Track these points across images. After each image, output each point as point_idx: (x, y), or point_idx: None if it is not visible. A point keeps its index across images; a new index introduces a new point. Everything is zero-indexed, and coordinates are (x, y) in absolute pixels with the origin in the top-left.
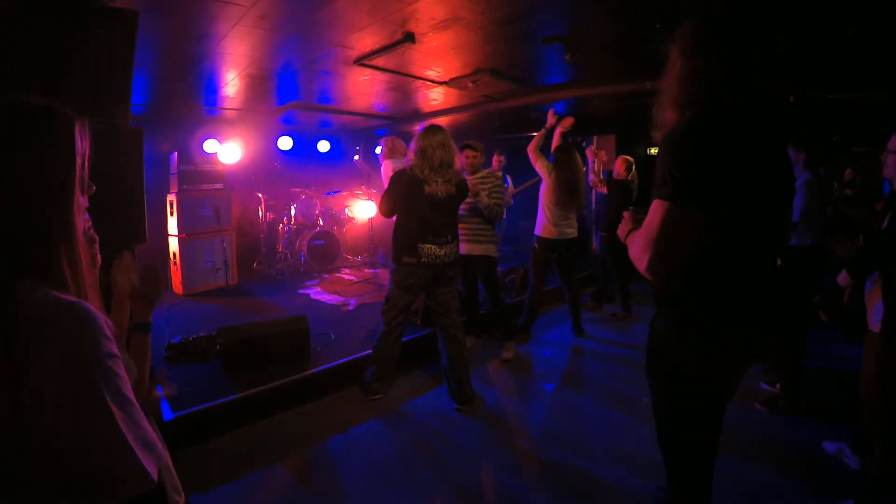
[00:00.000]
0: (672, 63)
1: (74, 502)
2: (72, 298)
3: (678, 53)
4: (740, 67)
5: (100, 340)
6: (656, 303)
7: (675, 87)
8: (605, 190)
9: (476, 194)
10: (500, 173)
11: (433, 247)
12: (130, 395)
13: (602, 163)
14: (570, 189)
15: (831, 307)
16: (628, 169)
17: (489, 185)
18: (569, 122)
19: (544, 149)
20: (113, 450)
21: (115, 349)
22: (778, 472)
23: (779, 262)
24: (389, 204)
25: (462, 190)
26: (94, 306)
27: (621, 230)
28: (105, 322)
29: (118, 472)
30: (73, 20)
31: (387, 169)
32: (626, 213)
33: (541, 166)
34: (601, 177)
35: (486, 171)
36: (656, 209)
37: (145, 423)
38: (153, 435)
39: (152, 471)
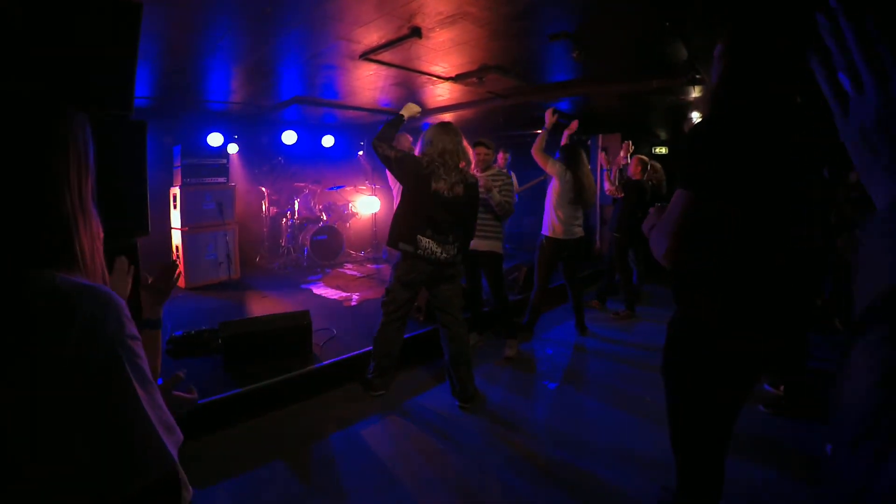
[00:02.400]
0: (715, 62)
1: (98, 485)
2: (92, 282)
3: (720, 54)
4: (766, 71)
5: (123, 322)
6: (676, 302)
7: (714, 86)
8: (621, 195)
9: (489, 190)
10: (505, 170)
11: (432, 242)
12: (151, 376)
13: (618, 166)
14: (584, 187)
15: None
16: (644, 169)
17: (499, 183)
18: (574, 125)
19: (547, 148)
20: (138, 431)
21: (136, 330)
22: (781, 474)
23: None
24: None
25: (471, 192)
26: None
27: (646, 225)
28: (125, 304)
29: (143, 453)
30: (75, 10)
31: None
32: (651, 209)
33: (552, 167)
34: (616, 184)
35: (496, 168)
36: (677, 198)
37: (164, 405)
38: (172, 418)
39: (173, 452)
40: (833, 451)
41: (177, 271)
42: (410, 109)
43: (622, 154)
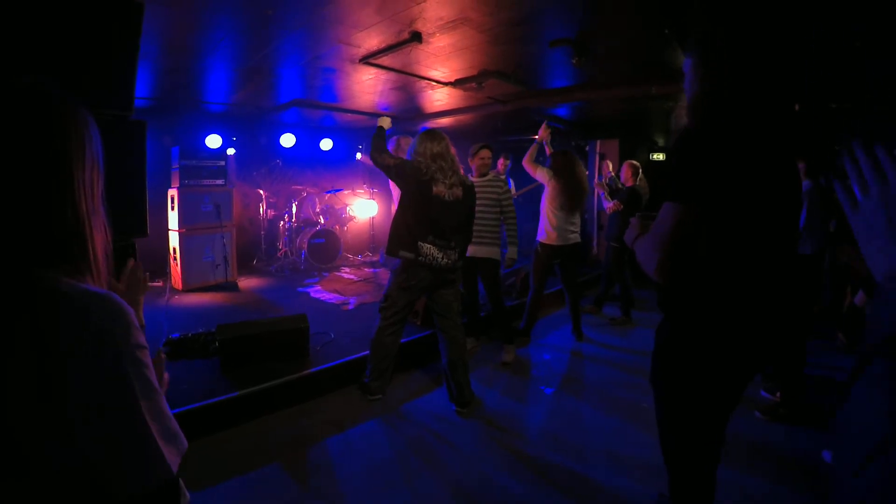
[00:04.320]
0: (691, 69)
1: (92, 491)
2: (102, 290)
3: (696, 61)
4: (751, 76)
5: (131, 331)
6: (661, 310)
7: (692, 93)
8: (621, 208)
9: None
10: (503, 176)
11: (433, 248)
12: (157, 384)
13: (608, 178)
14: (573, 193)
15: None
16: (635, 174)
17: (499, 190)
18: (544, 133)
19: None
20: (136, 442)
21: (143, 340)
22: (777, 481)
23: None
24: (394, 164)
25: (469, 194)
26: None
27: (628, 236)
28: (133, 312)
29: (139, 464)
30: (77, 10)
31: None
32: (632, 220)
33: (541, 174)
34: (612, 198)
35: (493, 174)
36: (666, 211)
37: (169, 411)
38: (176, 424)
39: (172, 462)
40: (838, 475)
41: (142, 274)
42: (384, 121)
43: (605, 171)
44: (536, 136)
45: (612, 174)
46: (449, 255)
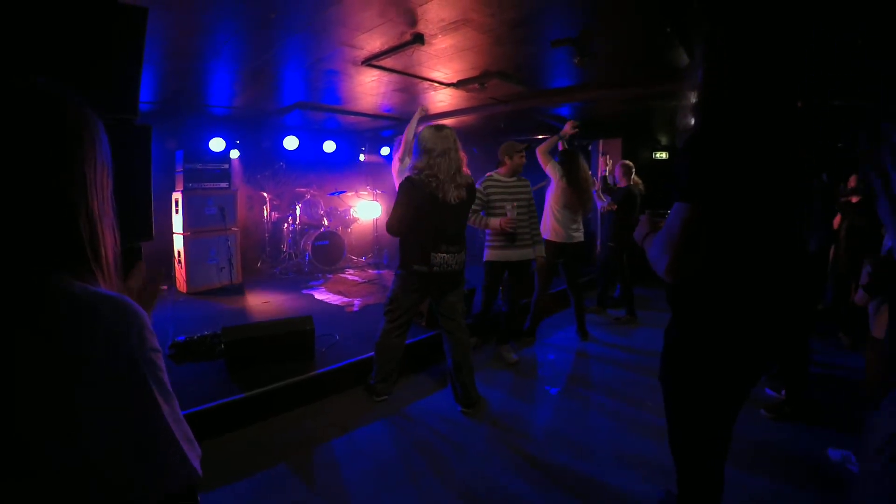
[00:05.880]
0: (694, 67)
1: (121, 495)
2: (114, 293)
3: (700, 58)
4: (757, 73)
5: (145, 335)
6: (670, 307)
7: (697, 92)
8: (615, 207)
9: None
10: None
11: (446, 255)
12: (171, 388)
13: (602, 174)
14: (578, 192)
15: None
16: (627, 174)
17: (528, 191)
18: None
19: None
20: (161, 445)
21: (157, 343)
22: (782, 479)
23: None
24: (400, 217)
25: (471, 193)
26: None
27: (638, 233)
28: (146, 315)
29: (166, 467)
30: (82, 15)
31: (396, 167)
32: (642, 217)
33: (551, 169)
34: (604, 197)
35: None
36: (677, 211)
37: (184, 419)
38: (191, 432)
39: (196, 465)
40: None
41: (161, 279)
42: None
43: (601, 167)
44: (562, 132)
45: (607, 171)
46: (457, 258)
